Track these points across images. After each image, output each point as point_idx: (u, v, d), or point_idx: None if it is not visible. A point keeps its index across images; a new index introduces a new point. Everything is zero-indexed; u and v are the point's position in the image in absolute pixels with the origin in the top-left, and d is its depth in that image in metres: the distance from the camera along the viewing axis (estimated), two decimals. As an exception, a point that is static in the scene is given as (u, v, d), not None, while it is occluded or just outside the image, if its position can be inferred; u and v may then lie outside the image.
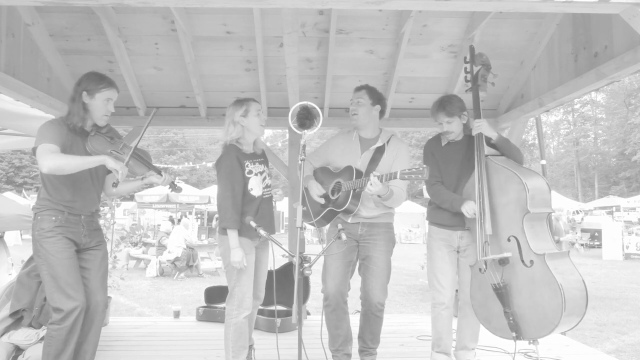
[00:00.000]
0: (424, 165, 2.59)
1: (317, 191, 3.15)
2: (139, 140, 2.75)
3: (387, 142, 3.16)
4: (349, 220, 3.10)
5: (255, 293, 3.05)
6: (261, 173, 3.01)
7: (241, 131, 2.95)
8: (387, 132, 3.24)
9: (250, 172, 2.94)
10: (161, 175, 2.74)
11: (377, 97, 3.18)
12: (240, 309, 2.88)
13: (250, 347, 3.22)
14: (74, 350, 2.57)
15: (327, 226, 3.24)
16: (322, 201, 3.13)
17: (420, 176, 2.57)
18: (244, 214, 2.86)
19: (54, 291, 2.51)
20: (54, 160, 2.44)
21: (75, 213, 2.65)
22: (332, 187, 3.14)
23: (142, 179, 2.76)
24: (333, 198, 3.11)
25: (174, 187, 2.82)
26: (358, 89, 3.21)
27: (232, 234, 2.82)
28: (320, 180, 3.24)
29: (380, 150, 3.13)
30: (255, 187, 2.94)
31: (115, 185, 2.59)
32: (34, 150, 2.52)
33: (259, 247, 3.07)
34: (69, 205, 2.62)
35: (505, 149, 2.98)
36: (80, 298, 2.53)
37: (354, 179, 2.97)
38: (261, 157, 3.08)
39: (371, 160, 3.11)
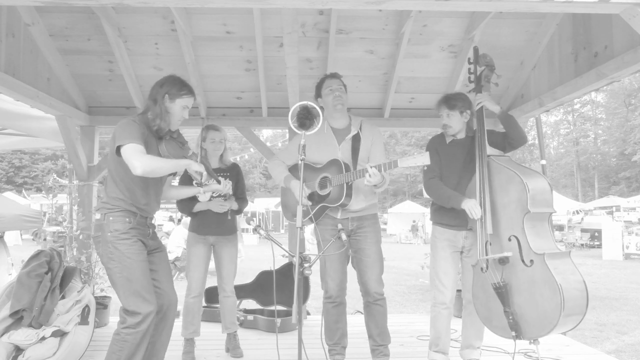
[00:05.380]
0: (424, 151, 2.60)
1: (299, 192, 3.11)
2: (200, 150, 2.83)
3: (360, 128, 3.15)
4: (339, 216, 3.08)
5: (220, 285, 3.65)
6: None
7: (204, 152, 3.58)
8: (356, 118, 3.22)
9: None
10: (219, 183, 2.84)
11: (344, 85, 3.20)
12: (189, 291, 3.54)
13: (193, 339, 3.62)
14: (147, 350, 2.53)
15: (312, 226, 3.20)
16: (310, 202, 3.08)
17: (422, 162, 2.57)
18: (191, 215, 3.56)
19: (129, 295, 2.42)
20: (148, 163, 2.38)
21: (144, 215, 2.60)
22: (319, 182, 3.10)
23: (203, 186, 2.76)
24: (323, 194, 3.07)
25: (229, 197, 3.06)
26: (332, 76, 3.16)
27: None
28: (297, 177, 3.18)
29: (356, 139, 3.12)
30: (202, 195, 3.39)
31: (200, 185, 2.65)
32: (118, 148, 2.42)
33: (217, 243, 3.57)
34: (142, 207, 2.57)
35: (509, 125, 2.97)
36: (155, 301, 2.48)
37: (344, 172, 2.95)
38: (226, 171, 3.59)
39: (352, 150, 3.09)
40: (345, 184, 2.95)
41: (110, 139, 2.55)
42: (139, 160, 2.36)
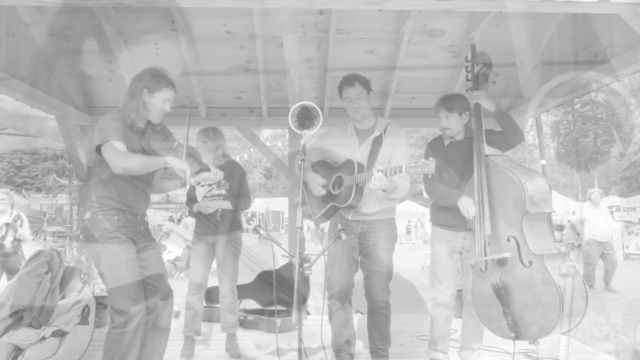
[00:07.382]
0: (430, 158, 2.53)
1: (316, 181, 3.09)
2: (187, 139, 2.73)
3: (384, 131, 3.09)
4: (350, 217, 3.07)
5: (219, 285, 3.64)
6: (209, 185, 3.61)
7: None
8: (383, 120, 3.17)
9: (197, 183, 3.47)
10: (210, 171, 2.75)
11: (368, 85, 3.10)
12: (188, 289, 3.62)
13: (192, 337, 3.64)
14: (146, 347, 2.55)
15: (328, 224, 3.22)
16: (323, 191, 3.07)
17: (426, 169, 2.50)
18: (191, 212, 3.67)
19: (117, 293, 2.43)
20: (127, 161, 2.37)
21: (134, 212, 2.57)
22: (333, 181, 3.09)
23: (184, 185, 2.73)
24: (335, 193, 3.05)
25: (222, 184, 3.08)
26: (350, 84, 3.06)
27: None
28: (319, 174, 3.19)
29: (378, 141, 3.06)
30: (198, 195, 3.63)
31: (184, 185, 2.61)
32: (98, 147, 2.41)
33: (216, 243, 3.58)
34: (130, 204, 2.54)
35: (505, 123, 2.94)
36: (143, 300, 2.48)
37: (356, 173, 2.91)
38: (220, 169, 3.45)
39: (370, 152, 3.04)
40: (355, 186, 2.91)
41: (92, 138, 2.52)
42: (117, 158, 2.35)
